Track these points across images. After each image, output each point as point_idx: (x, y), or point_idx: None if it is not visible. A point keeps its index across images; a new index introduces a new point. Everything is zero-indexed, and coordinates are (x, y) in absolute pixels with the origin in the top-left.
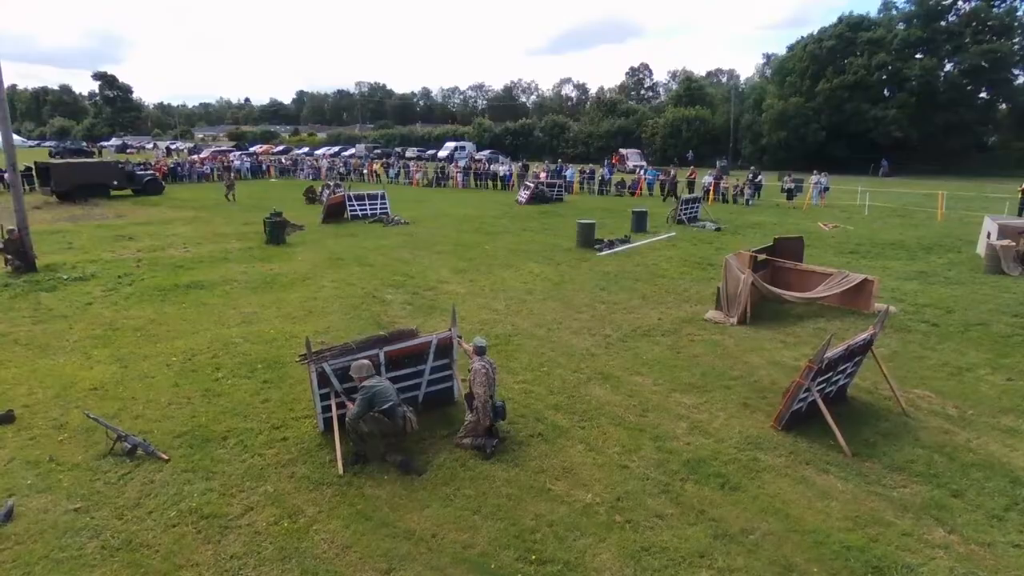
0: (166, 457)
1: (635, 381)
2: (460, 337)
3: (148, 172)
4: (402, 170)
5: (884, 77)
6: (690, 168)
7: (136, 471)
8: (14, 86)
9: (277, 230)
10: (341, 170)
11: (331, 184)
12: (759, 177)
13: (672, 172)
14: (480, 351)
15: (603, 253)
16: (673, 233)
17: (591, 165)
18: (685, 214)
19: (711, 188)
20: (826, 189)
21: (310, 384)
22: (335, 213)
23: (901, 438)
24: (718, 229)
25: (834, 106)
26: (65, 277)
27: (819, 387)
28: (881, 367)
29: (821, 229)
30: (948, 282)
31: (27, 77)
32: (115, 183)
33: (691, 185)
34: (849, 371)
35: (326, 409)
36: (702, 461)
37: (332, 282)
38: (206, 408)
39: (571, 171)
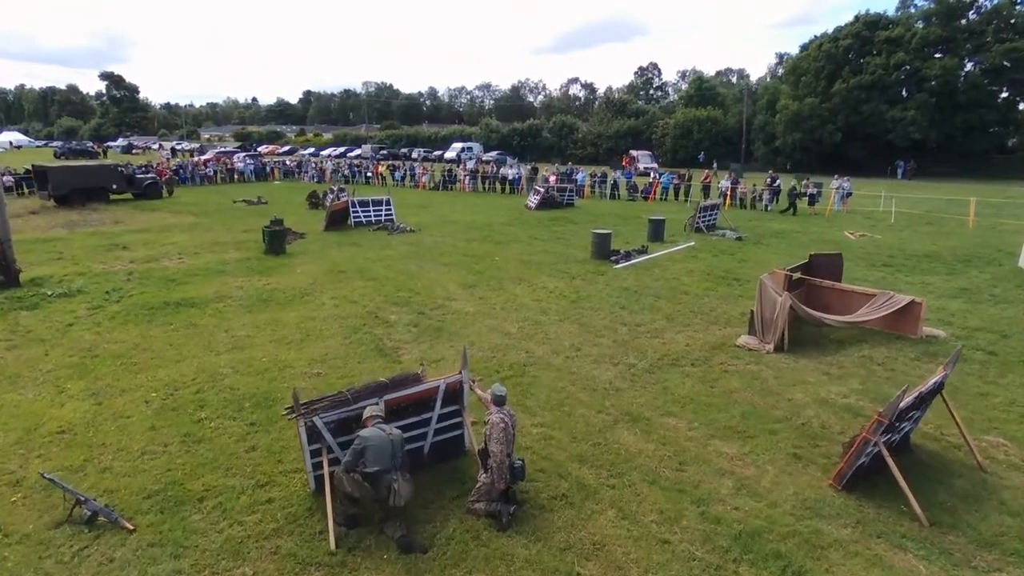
0: (131, 527)
1: (667, 424)
2: (474, 382)
3: (149, 175)
4: (408, 173)
5: (902, 77)
6: (705, 172)
7: (94, 545)
8: (22, 86)
9: (276, 240)
10: (345, 173)
11: (334, 188)
12: (777, 181)
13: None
14: (499, 401)
15: (620, 266)
16: (692, 243)
17: (603, 168)
18: (703, 222)
19: (728, 193)
20: (849, 194)
21: (299, 440)
22: (338, 220)
23: (983, 501)
24: (739, 238)
25: (851, 107)
26: (49, 293)
27: (885, 438)
28: (953, 414)
29: (847, 238)
30: (996, 301)
31: (35, 77)
32: (114, 187)
33: (706, 190)
34: (916, 417)
35: (317, 467)
36: (756, 534)
37: (332, 299)
38: (183, 459)
39: (582, 174)
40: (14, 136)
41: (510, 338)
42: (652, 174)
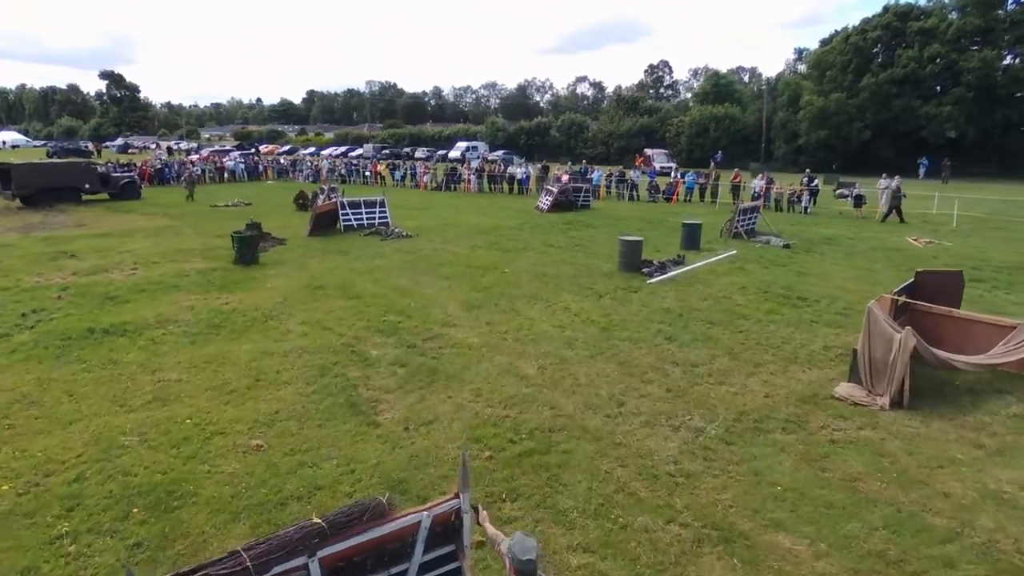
0: None
1: (778, 546)
2: (479, 511)
3: (127, 175)
4: (408, 172)
5: (937, 71)
6: (734, 171)
7: None
8: (23, 85)
9: (247, 247)
10: (342, 172)
11: (326, 188)
12: (815, 182)
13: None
14: (524, 570)
15: (655, 280)
16: (733, 251)
17: (620, 167)
18: (743, 226)
19: (762, 195)
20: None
21: None
22: (325, 223)
23: None
24: (786, 246)
25: (880, 102)
26: None
27: None
28: None
29: (913, 245)
30: None
31: (41, 78)
32: (87, 186)
33: (735, 191)
34: None
35: None
36: None
37: (301, 324)
38: None
39: (598, 174)
40: (10, 136)
41: (528, 384)
42: (672, 173)
